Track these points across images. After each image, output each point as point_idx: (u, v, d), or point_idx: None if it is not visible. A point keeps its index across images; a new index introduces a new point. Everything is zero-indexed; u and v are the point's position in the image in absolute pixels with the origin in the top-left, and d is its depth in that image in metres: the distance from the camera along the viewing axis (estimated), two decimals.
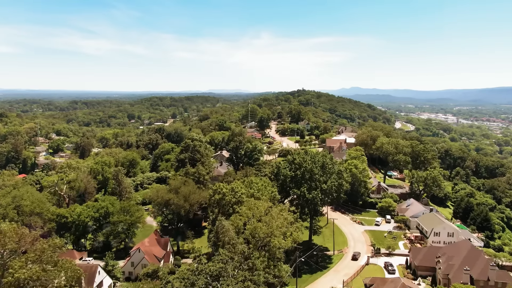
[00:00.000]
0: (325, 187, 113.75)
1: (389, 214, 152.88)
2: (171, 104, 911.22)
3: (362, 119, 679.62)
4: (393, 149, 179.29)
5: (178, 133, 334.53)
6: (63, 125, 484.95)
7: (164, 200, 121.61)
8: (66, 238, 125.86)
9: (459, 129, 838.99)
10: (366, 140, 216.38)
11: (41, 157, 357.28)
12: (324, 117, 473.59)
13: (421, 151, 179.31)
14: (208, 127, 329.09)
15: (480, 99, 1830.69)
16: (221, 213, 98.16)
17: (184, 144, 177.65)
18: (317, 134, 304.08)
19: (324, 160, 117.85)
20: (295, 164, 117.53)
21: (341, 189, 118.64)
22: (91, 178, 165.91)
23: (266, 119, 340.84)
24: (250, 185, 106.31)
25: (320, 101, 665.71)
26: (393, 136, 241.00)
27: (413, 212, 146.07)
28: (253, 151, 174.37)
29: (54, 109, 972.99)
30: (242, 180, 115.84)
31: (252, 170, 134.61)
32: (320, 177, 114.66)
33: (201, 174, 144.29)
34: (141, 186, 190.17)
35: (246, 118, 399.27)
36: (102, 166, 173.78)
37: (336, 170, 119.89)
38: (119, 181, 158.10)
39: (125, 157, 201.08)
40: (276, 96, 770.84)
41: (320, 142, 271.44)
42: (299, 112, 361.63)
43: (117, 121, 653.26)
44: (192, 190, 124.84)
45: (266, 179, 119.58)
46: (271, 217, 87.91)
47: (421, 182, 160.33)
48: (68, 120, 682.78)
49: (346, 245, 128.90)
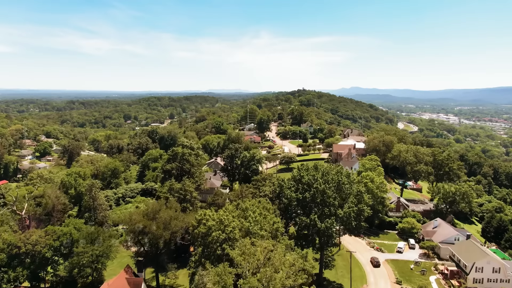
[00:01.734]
0: (341, 213, 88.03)
1: (412, 237, 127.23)
2: (169, 104, 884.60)
3: (365, 120, 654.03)
4: (412, 158, 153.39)
5: (171, 136, 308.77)
6: (53, 127, 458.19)
7: (138, 227, 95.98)
8: (18, 272, 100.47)
9: (462, 129, 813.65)
10: (378, 146, 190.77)
11: (25, 161, 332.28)
12: (326, 118, 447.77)
13: (445, 160, 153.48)
14: (204, 129, 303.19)
15: (480, 99, 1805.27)
16: (205, 254, 72.47)
17: (172, 152, 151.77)
18: (321, 138, 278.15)
19: (339, 178, 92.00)
20: (303, 183, 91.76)
21: (362, 215, 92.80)
22: (61, 193, 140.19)
23: (266, 121, 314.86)
24: (244, 213, 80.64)
25: (321, 101, 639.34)
26: (407, 141, 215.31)
27: (442, 236, 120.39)
28: (250, 161, 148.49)
29: (51, 109, 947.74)
30: (236, 204, 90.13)
31: (249, 188, 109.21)
32: (335, 201, 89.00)
33: (188, 191, 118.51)
34: (123, 200, 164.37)
35: (244, 120, 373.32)
36: (76, 178, 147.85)
37: (355, 191, 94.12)
38: (93, 197, 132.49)
39: (106, 165, 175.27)
40: (276, 96, 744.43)
41: (325, 147, 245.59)
42: (301, 114, 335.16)
43: (113, 122, 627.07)
44: (174, 215, 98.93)
45: (266, 201, 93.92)
46: (273, 266, 62.42)
47: (449, 198, 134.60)
48: (63, 121, 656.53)
49: (365, 281, 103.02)
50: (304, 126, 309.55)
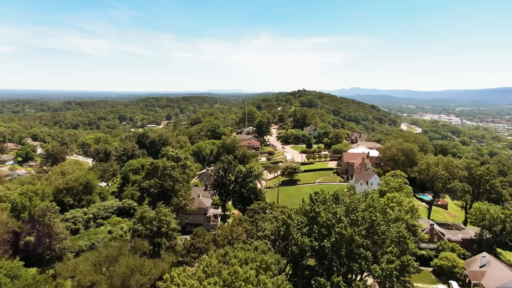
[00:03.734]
0: (377, 271, 58.69)
1: (453, 278, 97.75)
2: (167, 104, 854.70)
3: (369, 122, 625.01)
4: (444, 172, 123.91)
5: (163, 140, 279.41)
6: (41, 129, 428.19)
7: (86, 283, 66.74)
8: None
9: (467, 131, 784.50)
10: (397, 156, 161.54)
11: (5, 167, 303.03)
12: (329, 120, 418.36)
13: (484, 175, 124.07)
14: (198, 133, 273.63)
15: (481, 99, 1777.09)
16: None
17: (151, 166, 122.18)
18: (327, 143, 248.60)
19: (372, 216, 62.61)
20: (318, 224, 62.50)
21: (407, 271, 62.88)
22: (10, 218, 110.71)
23: (265, 124, 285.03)
24: (234, 278, 51.18)
25: (323, 102, 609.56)
26: (428, 148, 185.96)
27: (495, 280, 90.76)
28: (247, 177, 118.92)
29: (47, 109, 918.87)
30: (223, 252, 60.68)
31: (244, 223, 79.39)
32: (367, 251, 59.78)
33: (164, 221, 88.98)
34: (94, 221, 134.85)
35: (243, 122, 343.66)
36: (31, 198, 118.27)
37: (394, 234, 64.62)
38: (48, 225, 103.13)
39: (76, 179, 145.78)
40: (276, 97, 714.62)
41: (333, 154, 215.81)
42: (304, 116, 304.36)
43: (107, 123, 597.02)
44: (138, 264, 69.45)
45: (265, 245, 64.79)
46: None
47: (497, 225, 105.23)
48: (56, 122, 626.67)
49: None
50: (308, 129, 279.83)
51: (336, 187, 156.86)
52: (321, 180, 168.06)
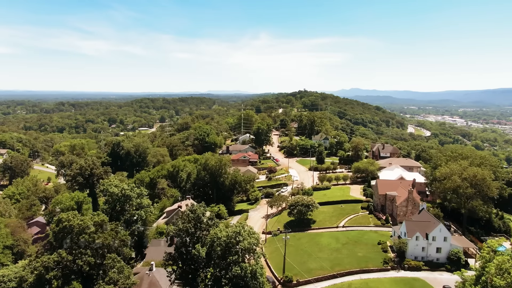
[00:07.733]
0: None
1: None
2: (163, 106, 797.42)
3: (376, 124, 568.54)
4: None
5: (140, 151, 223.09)
6: (12, 134, 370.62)
7: None
8: None
9: (476, 133, 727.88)
10: (461, 186, 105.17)
11: None
12: (337, 125, 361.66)
13: None
14: (182, 143, 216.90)
15: (481, 100, 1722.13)
16: None
17: (56, 227, 66.09)
18: (343, 156, 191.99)
19: None
20: None
21: None
22: None
23: (265, 132, 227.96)
24: None
25: (327, 104, 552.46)
26: (485, 165, 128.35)
27: None
28: (231, 247, 61.72)
29: (39, 111, 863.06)
30: None
31: None
32: None
33: None
34: None
35: (239, 128, 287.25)
36: None
37: None
38: None
39: None
40: (276, 98, 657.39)
41: (354, 173, 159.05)
42: (312, 122, 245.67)
43: (94, 127, 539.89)
44: None
45: None
46: None
47: None
48: (41, 125, 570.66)
49: None
50: (317, 138, 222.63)
51: (374, 237, 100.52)
52: (347, 222, 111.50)
